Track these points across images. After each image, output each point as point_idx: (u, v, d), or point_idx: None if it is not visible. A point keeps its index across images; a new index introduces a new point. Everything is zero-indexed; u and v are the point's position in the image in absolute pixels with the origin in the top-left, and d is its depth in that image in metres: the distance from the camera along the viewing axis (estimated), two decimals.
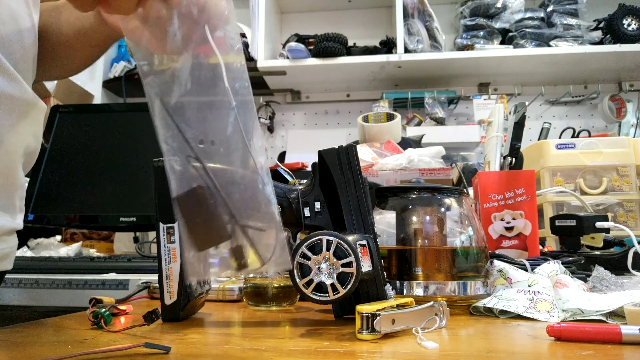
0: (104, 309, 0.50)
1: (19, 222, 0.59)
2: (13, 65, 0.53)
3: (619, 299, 0.53)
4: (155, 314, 0.49)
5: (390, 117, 1.44)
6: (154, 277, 0.80)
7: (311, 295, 0.45)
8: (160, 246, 0.52)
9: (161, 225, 0.52)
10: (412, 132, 1.85)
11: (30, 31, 0.58)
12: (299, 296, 0.66)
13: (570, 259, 0.75)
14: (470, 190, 0.93)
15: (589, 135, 1.88)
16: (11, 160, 0.55)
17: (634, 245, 0.80)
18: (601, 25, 1.96)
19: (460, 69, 2.04)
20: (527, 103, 0.97)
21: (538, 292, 0.56)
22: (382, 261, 0.53)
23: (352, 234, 0.49)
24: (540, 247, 0.90)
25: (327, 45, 1.90)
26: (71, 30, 0.62)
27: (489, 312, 0.56)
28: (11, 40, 0.54)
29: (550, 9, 2.00)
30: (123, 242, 1.47)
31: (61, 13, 0.64)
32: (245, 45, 1.95)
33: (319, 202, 0.53)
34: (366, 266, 0.47)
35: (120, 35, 0.58)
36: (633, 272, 0.77)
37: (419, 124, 2.00)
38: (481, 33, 1.99)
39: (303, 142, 2.23)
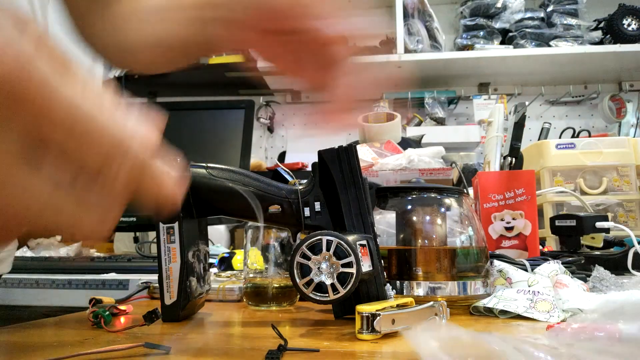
0: (104, 309, 0.50)
1: None
2: None
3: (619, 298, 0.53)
4: (155, 314, 0.48)
5: (390, 117, 1.44)
6: (154, 277, 0.80)
7: (311, 295, 0.45)
8: (160, 246, 0.52)
9: (161, 225, 0.52)
10: (412, 132, 1.85)
11: None
12: (299, 296, 0.66)
13: (570, 259, 0.75)
14: (470, 190, 0.93)
15: (589, 135, 1.88)
16: None
17: (634, 245, 0.80)
18: (601, 25, 1.96)
19: (460, 69, 2.04)
20: (527, 103, 0.97)
21: (538, 292, 0.56)
22: (382, 261, 0.53)
23: (352, 234, 0.49)
24: (540, 247, 0.89)
25: None
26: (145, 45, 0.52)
27: (489, 312, 0.56)
28: None
29: (550, 9, 2.00)
30: (123, 242, 1.47)
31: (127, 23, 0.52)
32: None
33: (319, 202, 0.53)
34: (366, 266, 0.47)
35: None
36: (633, 272, 0.77)
37: (419, 124, 2.01)
38: (481, 33, 1.99)
39: (303, 142, 2.23)
